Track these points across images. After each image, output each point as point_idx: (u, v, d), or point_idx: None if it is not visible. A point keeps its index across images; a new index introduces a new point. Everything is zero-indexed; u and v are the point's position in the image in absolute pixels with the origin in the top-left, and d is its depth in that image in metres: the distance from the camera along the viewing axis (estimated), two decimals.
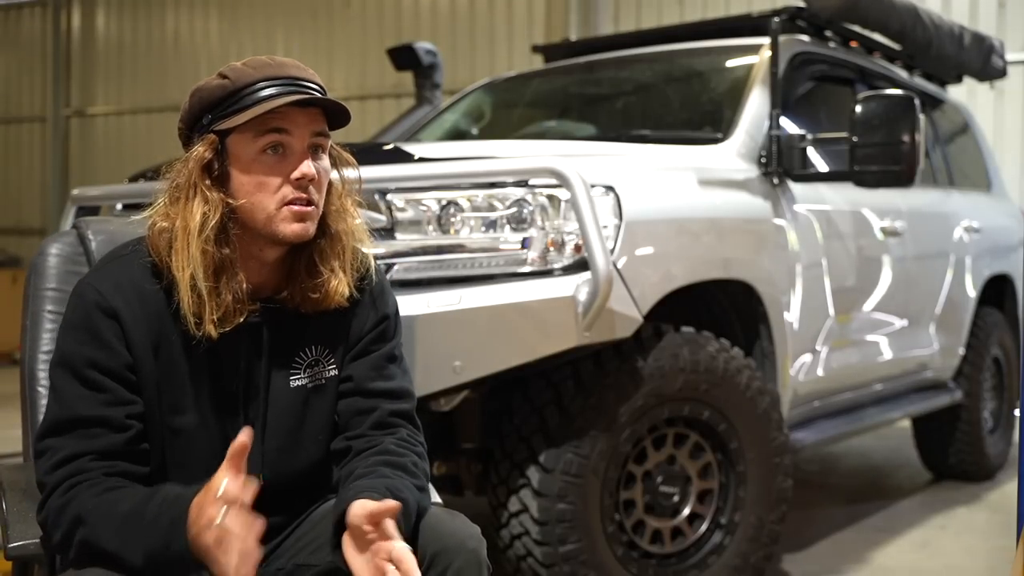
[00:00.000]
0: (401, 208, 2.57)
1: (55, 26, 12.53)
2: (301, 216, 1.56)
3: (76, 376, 1.51)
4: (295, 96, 1.53)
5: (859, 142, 3.16)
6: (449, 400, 2.64)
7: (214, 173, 1.55)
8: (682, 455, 2.89)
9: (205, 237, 1.51)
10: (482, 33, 9.89)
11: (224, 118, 1.54)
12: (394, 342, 1.76)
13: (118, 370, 1.52)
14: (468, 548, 1.52)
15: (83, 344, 1.52)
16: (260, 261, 1.60)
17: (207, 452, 1.58)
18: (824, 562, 3.60)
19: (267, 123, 1.53)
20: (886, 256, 3.93)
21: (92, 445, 1.49)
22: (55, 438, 1.50)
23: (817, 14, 3.90)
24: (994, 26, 7.49)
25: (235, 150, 1.55)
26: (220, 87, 1.55)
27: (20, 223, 12.48)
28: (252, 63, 1.57)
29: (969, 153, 5.31)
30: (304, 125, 1.56)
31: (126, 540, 1.41)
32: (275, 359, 1.64)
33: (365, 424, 1.68)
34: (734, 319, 3.20)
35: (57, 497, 1.46)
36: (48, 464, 1.49)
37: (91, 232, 1.91)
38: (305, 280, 1.61)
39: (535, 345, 2.54)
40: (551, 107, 4.38)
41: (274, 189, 1.54)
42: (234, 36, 11.37)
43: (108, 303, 1.53)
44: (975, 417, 4.71)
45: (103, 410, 1.51)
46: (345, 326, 1.70)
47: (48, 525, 1.48)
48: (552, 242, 2.56)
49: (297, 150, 1.56)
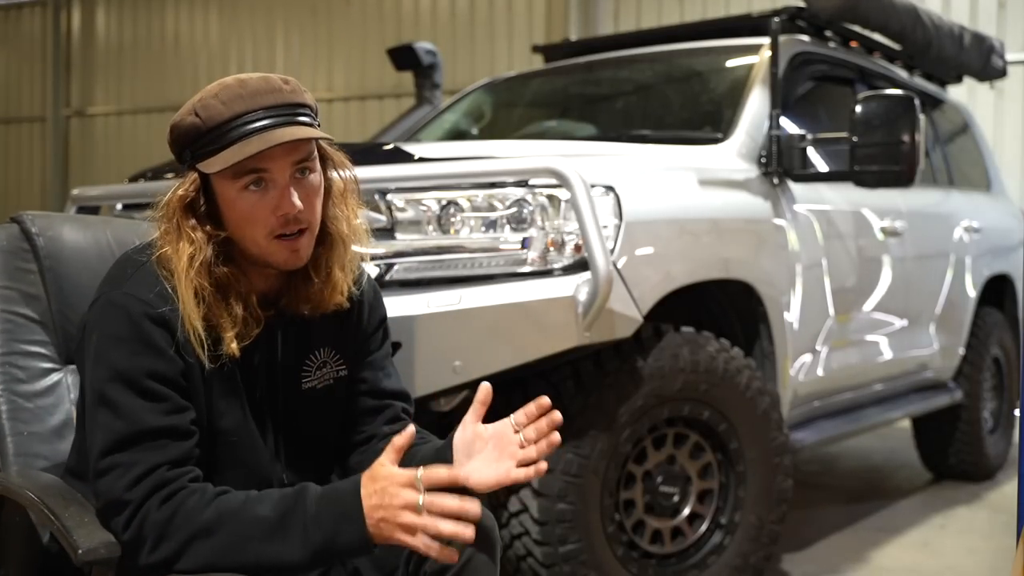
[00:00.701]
0: (401, 208, 2.57)
1: (55, 26, 12.54)
2: (292, 248, 1.55)
3: (134, 388, 1.50)
4: (265, 141, 1.49)
5: (859, 142, 3.16)
6: (449, 400, 2.64)
7: (200, 210, 1.54)
8: (682, 455, 2.89)
9: (196, 272, 1.51)
10: (482, 33, 9.90)
11: (201, 158, 1.53)
12: (389, 342, 1.82)
13: (175, 377, 1.53)
14: (484, 526, 1.53)
15: (137, 355, 1.51)
16: (264, 274, 1.62)
17: (245, 455, 1.61)
18: (824, 562, 3.60)
19: (243, 165, 1.50)
20: (886, 256, 3.93)
21: (164, 456, 1.49)
22: (122, 453, 1.48)
23: (817, 14, 3.90)
24: (994, 26, 7.50)
25: (218, 188, 1.54)
26: (192, 127, 1.52)
27: None
28: (223, 95, 1.52)
29: (969, 153, 5.31)
30: (284, 158, 1.52)
31: (283, 541, 1.43)
32: (288, 362, 1.67)
33: (379, 421, 1.74)
34: (734, 319, 3.20)
35: (156, 511, 1.45)
36: (124, 482, 1.47)
37: (36, 227, 1.81)
38: (303, 286, 1.63)
39: (535, 345, 2.54)
40: (551, 107, 4.38)
41: (261, 223, 1.53)
42: (234, 36, 11.38)
43: (156, 311, 1.52)
44: (975, 417, 4.71)
45: (167, 419, 1.51)
46: (349, 327, 1.73)
47: (150, 540, 1.45)
48: (552, 242, 2.56)
49: (279, 183, 1.53)
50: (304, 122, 1.55)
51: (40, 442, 1.74)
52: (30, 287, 1.80)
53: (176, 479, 1.49)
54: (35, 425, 1.73)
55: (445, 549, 1.41)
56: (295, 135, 1.51)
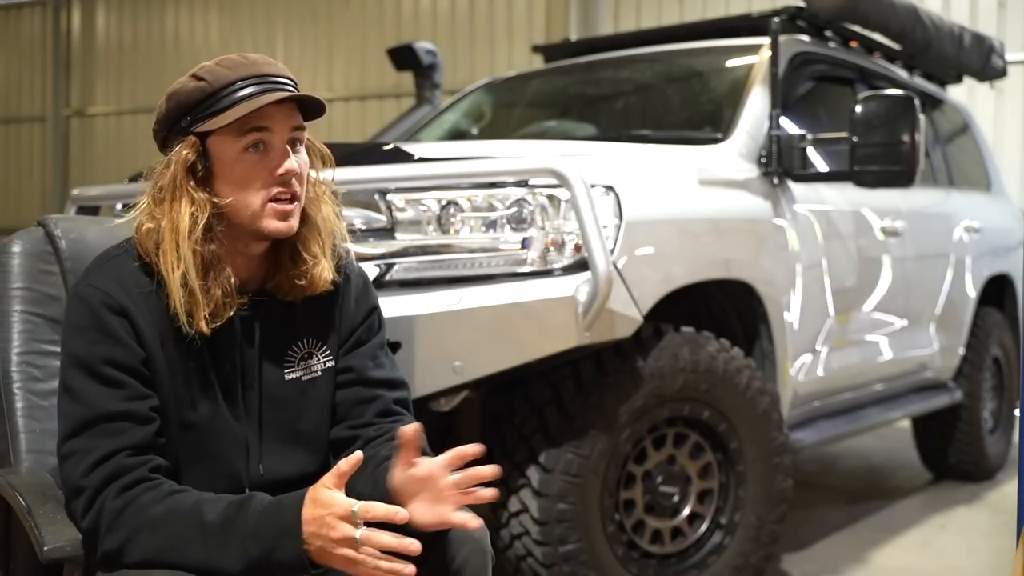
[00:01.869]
0: (401, 208, 2.57)
1: (55, 26, 12.54)
2: (285, 214, 1.59)
3: (93, 375, 1.52)
4: (275, 95, 1.55)
5: (859, 142, 3.16)
6: (449, 400, 2.64)
7: (198, 174, 1.56)
8: (682, 455, 2.89)
9: (195, 237, 1.53)
10: (482, 33, 9.90)
11: (203, 120, 1.56)
12: (383, 333, 1.79)
13: (134, 365, 1.54)
14: (474, 537, 1.54)
15: (96, 343, 1.53)
16: (246, 256, 1.63)
17: (216, 447, 1.61)
18: (824, 562, 3.60)
19: (248, 123, 1.55)
20: (886, 256, 3.93)
21: (124, 441, 1.50)
22: (80, 438, 1.51)
23: (817, 14, 3.90)
24: (994, 26, 7.50)
25: (217, 151, 1.57)
26: (198, 89, 1.56)
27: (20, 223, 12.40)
28: (226, 63, 1.59)
29: (969, 153, 5.31)
30: (283, 121, 1.58)
31: (220, 548, 1.44)
32: (268, 352, 1.66)
33: (369, 412, 1.71)
34: (734, 319, 3.20)
35: (113, 500, 1.47)
36: (83, 466, 1.49)
37: (59, 230, 1.85)
38: (290, 268, 1.64)
39: (535, 345, 2.54)
40: (551, 107, 4.38)
41: (258, 186, 1.57)
42: (234, 36, 11.38)
43: (116, 301, 1.55)
44: (975, 417, 4.71)
45: (125, 405, 1.52)
46: (336, 317, 1.72)
47: (103, 529, 1.47)
48: (552, 242, 2.56)
49: (278, 146, 1.58)
50: (306, 96, 1.60)
51: (53, 439, 1.73)
52: (51, 288, 1.84)
53: (136, 467, 1.50)
54: (49, 423, 1.74)
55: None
56: (302, 94, 1.58)
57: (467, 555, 1.53)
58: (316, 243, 1.66)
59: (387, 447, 1.63)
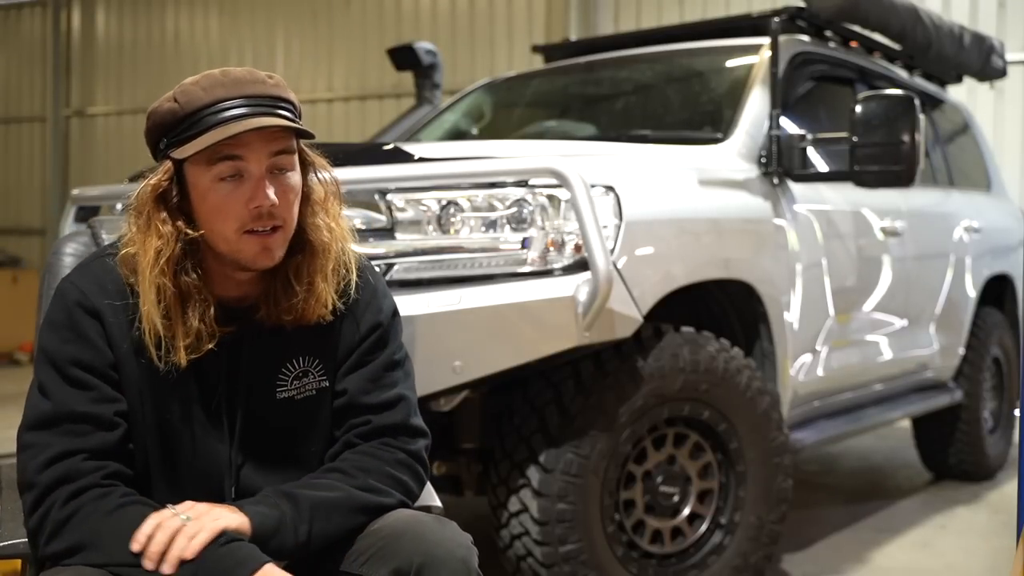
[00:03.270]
0: (401, 208, 2.57)
1: (55, 26, 12.52)
2: (263, 244, 1.50)
3: (61, 374, 1.50)
4: (242, 125, 1.45)
5: (859, 142, 3.16)
6: (449, 400, 2.64)
7: (172, 201, 1.50)
8: (682, 455, 2.89)
9: (160, 270, 1.48)
10: (482, 33, 9.89)
11: (176, 144, 1.49)
12: (391, 347, 1.69)
13: (102, 368, 1.51)
14: (456, 557, 1.47)
15: (66, 343, 1.51)
16: (234, 280, 1.57)
17: (191, 456, 1.57)
18: (824, 562, 3.60)
19: (219, 151, 1.46)
20: (886, 256, 3.93)
21: (83, 443, 1.47)
22: (41, 432, 1.48)
23: (817, 14, 3.90)
24: (994, 26, 7.49)
25: (191, 177, 1.50)
26: (170, 112, 1.50)
27: (20, 223, 12.48)
28: (204, 82, 1.50)
29: (969, 153, 5.31)
30: (260, 148, 1.48)
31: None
32: (257, 372, 1.59)
33: (353, 433, 1.64)
34: (734, 319, 3.20)
35: (59, 508, 1.44)
36: (36, 462, 1.46)
37: (104, 231, 1.90)
38: (281, 299, 1.56)
39: (535, 345, 2.54)
40: (551, 107, 4.37)
41: (233, 217, 1.48)
42: (234, 36, 11.37)
43: (90, 302, 1.52)
44: (975, 417, 4.71)
45: (91, 407, 1.49)
46: (335, 336, 1.63)
47: (45, 535, 1.44)
48: (552, 242, 2.56)
49: (255, 175, 1.49)
50: (284, 115, 1.51)
51: None
52: None
53: (89, 473, 1.46)
54: None
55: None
56: (272, 122, 1.48)
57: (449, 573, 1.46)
58: (316, 270, 1.57)
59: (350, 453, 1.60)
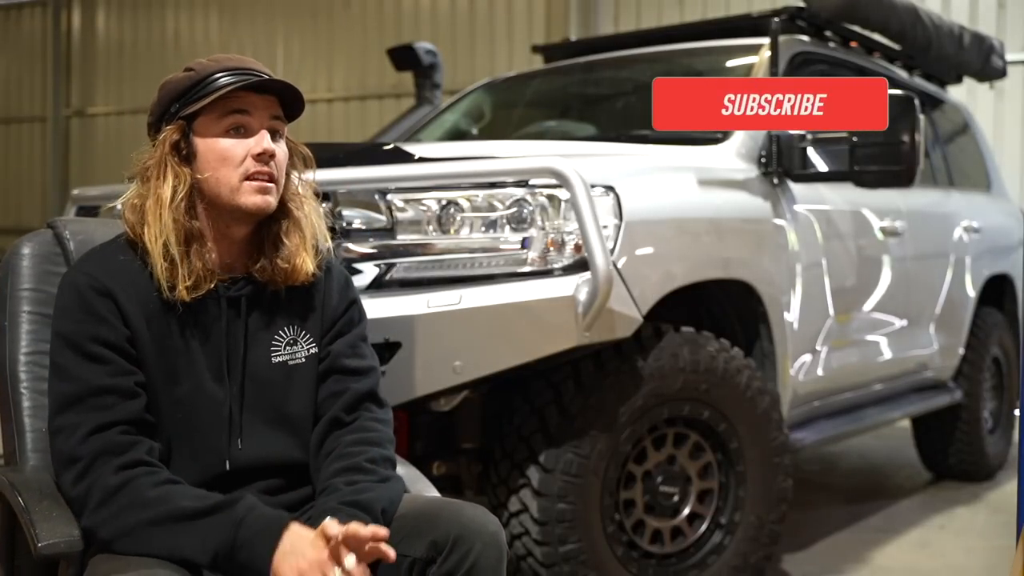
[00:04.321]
0: (401, 208, 2.57)
1: (55, 26, 12.54)
2: (263, 189, 1.70)
3: (79, 352, 1.61)
4: (253, 79, 1.69)
5: (859, 142, 3.16)
6: (449, 400, 2.64)
7: (182, 152, 1.69)
8: (682, 455, 2.89)
9: (176, 206, 1.65)
10: (482, 33, 9.89)
11: (190, 104, 1.69)
12: (363, 325, 1.89)
13: (119, 343, 1.63)
14: (489, 531, 1.61)
15: (81, 322, 1.63)
16: (229, 239, 1.73)
17: (198, 421, 1.68)
18: (824, 562, 3.60)
19: (229, 106, 1.69)
20: (886, 256, 3.93)
21: (113, 416, 1.59)
22: (70, 413, 1.60)
23: (817, 14, 3.90)
24: (994, 26, 7.50)
25: (201, 131, 1.70)
26: (187, 78, 1.72)
27: (20, 223, 12.47)
28: (215, 58, 1.74)
29: (969, 153, 5.31)
30: (262, 108, 1.72)
31: (196, 536, 1.52)
32: (254, 333, 1.74)
33: (336, 406, 1.78)
34: (734, 319, 3.20)
35: (111, 476, 1.55)
36: (75, 438, 1.57)
37: (68, 232, 1.89)
38: (273, 253, 1.74)
39: (535, 345, 2.54)
40: (551, 107, 4.38)
41: (237, 163, 1.69)
42: (234, 36, 11.37)
43: (101, 283, 1.65)
44: (975, 417, 4.70)
45: (112, 380, 1.60)
46: (318, 306, 1.82)
47: (93, 502, 1.55)
48: (552, 242, 2.56)
49: (257, 129, 1.71)
50: (284, 84, 1.73)
51: None
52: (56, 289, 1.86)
53: (131, 447, 1.58)
54: None
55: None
56: (277, 80, 1.73)
57: (482, 548, 1.59)
58: (297, 236, 1.76)
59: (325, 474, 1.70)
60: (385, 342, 2.46)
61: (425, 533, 1.61)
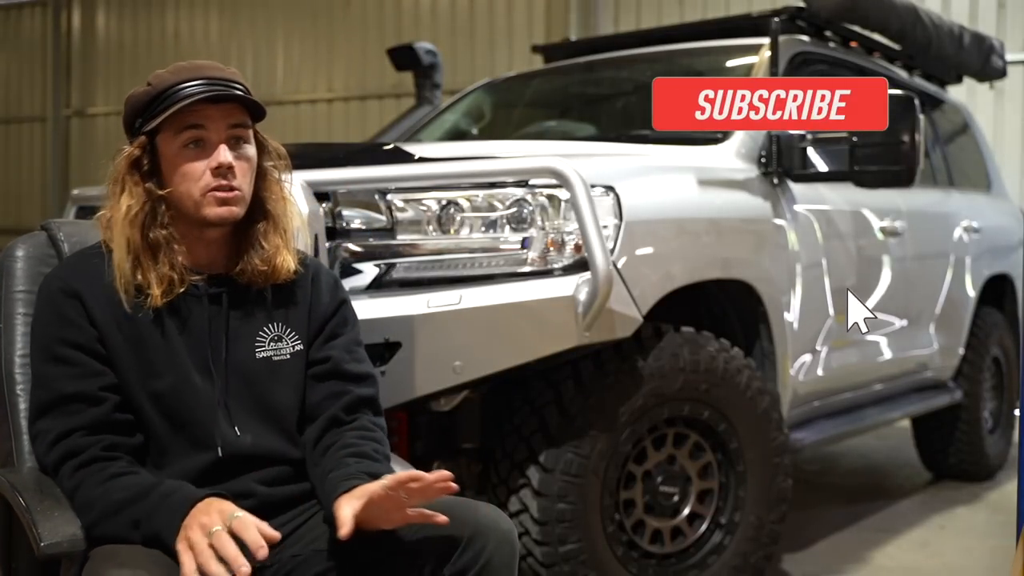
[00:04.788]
0: (401, 208, 2.57)
1: (55, 26, 12.53)
2: (224, 201, 1.72)
3: (49, 356, 1.68)
4: (204, 94, 1.69)
5: (859, 142, 3.16)
6: (449, 400, 2.64)
7: (144, 168, 1.73)
8: (682, 455, 2.89)
9: (134, 220, 1.69)
10: (482, 33, 9.89)
11: (151, 119, 1.72)
12: (356, 329, 1.91)
13: (87, 343, 1.67)
14: (502, 529, 1.64)
15: (49, 325, 1.69)
16: (204, 241, 1.77)
17: (188, 414, 1.71)
18: (824, 562, 3.60)
19: (184, 121, 1.70)
20: (886, 256, 3.93)
21: (78, 421, 1.64)
22: (43, 420, 1.66)
23: (817, 14, 3.90)
24: (994, 26, 7.49)
25: (162, 148, 1.73)
26: (145, 93, 1.75)
27: (20, 223, 12.46)
28: (173, 69, 1.75)
29: (969, 153, 5.31)
30: (220, 119, 1.72)
31: (129, 520, 1.55)
32: (237, 328, 1.77)
33: (336, 406, 1.80)
34: (734, 319, 3.20)
35: (68, 479, 1.61)
36: (43, 445, 1.66)
37: (62, 233, 1.91)
38: (253, 256, 1.77)
39: (535, 345, 2.54)
40: (551, 107, 4.38)
41: (197, 178, 1.71)
42: (234, 36, 11.37)
43: (68, 285, 1.70)
44: (975, 417, 4.70)
45: (78, 384, 1.65)
46: (305, 306, 1.84)
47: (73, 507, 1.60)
48: (552, 242, 2.56)
49: (214, 142, 1.72)
50: (237, 92, 1.73)
51: None
52: None
53: (89, 447, 1.63)
54: None
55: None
56: (226, 93, 1.72)
57: (495, 547, 1.61)
58: (277, 236, 1.79)
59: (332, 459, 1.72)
60: (385, 342, 2.47)
61: (439, 530, 1.62)
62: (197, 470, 1.68)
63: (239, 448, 1.72)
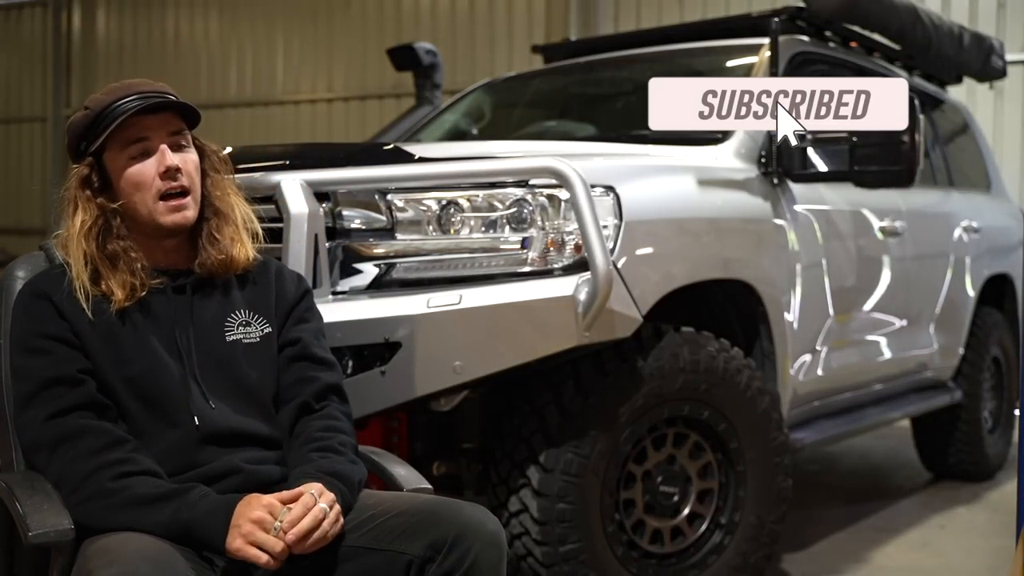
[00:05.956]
0: (401, 208, 2.57)
1: (55, 26, 12.54)
2: (178, 207, 1.83)
3: (25, 349, 1.76)
4: (142, 105, 1.80)
5: (859, 142, 3.16)
6: (449, 400, 2.64)
7: (95, 185, 1.83)
8: (682, 455, 2.89)
9: (84, 236, 1.78)
10: (482, 33, 9.89)
11: (94, 139, 1.81)
12: (321, 320, 2.02)
13: (60, 333, 1.75)
14: (488, 531, 1.65)
15: (22, 324, 1.78)
16: (163, 248, 1.87)
17: (162, 394, 1.77)
18: (824, 562, 3.60)
19: (128, 136, 1.81)
20: (886, 256, 3.93)
21: (67, 402, 1.70)
22: (28, 409, 1.73)
23: (817, 14, 3.90)
24: (994, 26, 7.50)
25: (109, 165, 1.83)
26: (84, 116, 1.84)
27: (20, 223, 12.48)
28: (107, 90, 1.85)
29: (969, 153, 5.31)
30: (159, 128, 1.83)
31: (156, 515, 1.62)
32: (203, 315, 1.86)
33: (307, 392, 1.90)
34: (734, 319, 3.20)
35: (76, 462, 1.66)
36: (35, 425, 1.71)
37: (59, 254, 1.97)
38: (211, 249, 1.87)
39: (535, 345, 2.54)
40: (551, 107, 4.38)
41: (148, 184, 1.81)
42: (234, 36, 11.37)
43: (38, 289, 1.79)
44: (975, 417, 4.70)
45: (57, 370, 1.72)
46: (270, 294, 1.94)
47: (65, 490, 1.66)
48: (552, 242, 2.56)
49: (158, 149, 1.82)
50: (175, 100, 1.85)
51: None
52: None
53: (91, 432, 1.69)
54: None
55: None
56: (165, 101, 1.83)
57: (481, 548, 1.61)
58: (230, 228, 1.89)
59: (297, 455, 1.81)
60: (385, 342, 2.47)
61: (424, 532, 1.62)
62: (179, 447, 1.74)
63: (217, 422, 1.77)
